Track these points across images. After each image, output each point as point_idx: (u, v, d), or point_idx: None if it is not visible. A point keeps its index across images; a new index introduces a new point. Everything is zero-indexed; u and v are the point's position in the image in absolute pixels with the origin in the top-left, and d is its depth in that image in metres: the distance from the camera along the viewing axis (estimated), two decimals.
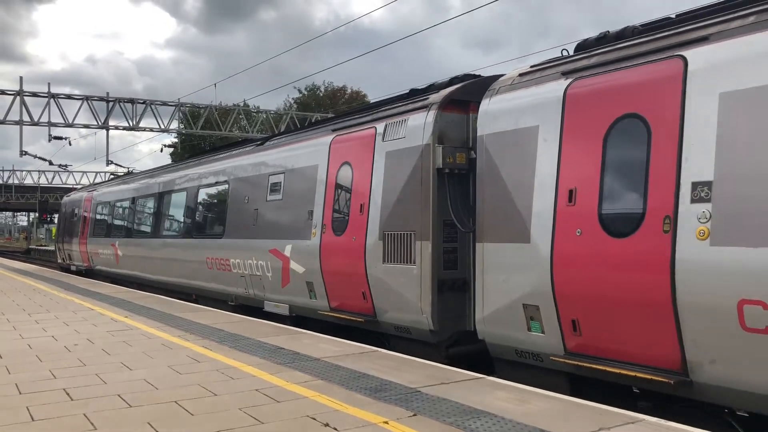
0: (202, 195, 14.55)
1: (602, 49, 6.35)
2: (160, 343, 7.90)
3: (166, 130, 35.76)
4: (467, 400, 5.16)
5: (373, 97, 59.13)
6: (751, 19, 5.10)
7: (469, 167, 7.85)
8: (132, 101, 33.77)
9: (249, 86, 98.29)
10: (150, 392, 5.51)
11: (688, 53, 5.38)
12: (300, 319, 10.35)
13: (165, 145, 54.05)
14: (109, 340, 8.12)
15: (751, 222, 4.75)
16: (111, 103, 33.11)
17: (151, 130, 35.36)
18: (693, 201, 5.11)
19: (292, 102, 60.31)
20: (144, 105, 33.93)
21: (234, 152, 13.72)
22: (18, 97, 31.09)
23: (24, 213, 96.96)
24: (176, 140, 56.76)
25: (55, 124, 32.22)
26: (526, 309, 6.51)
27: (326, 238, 9.62)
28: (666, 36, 5.74)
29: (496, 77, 7.76)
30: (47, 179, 66.52)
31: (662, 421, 4.61)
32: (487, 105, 7.32)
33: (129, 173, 24.98)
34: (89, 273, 22.01)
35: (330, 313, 9.59)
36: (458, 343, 7.98)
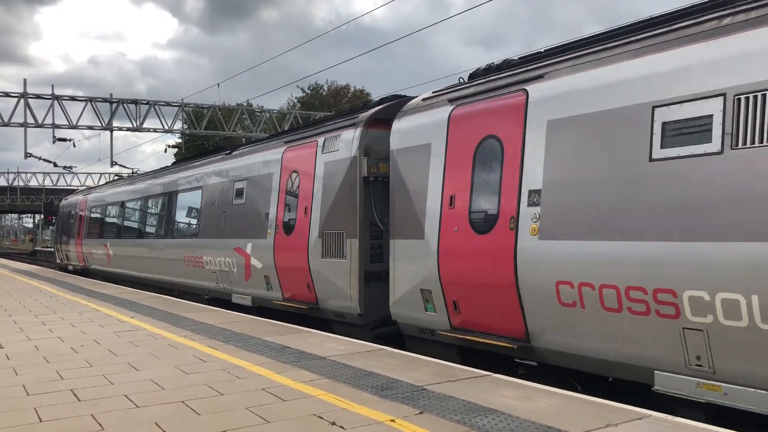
0: (180, 199, 15.94)
1: (477, 81, 7.82)
2: (166, 344, 7.92)
3: (169, 131, 35.82)
4: (473, 397, 5.16)
5: (376, 96, 59.14)
6: (569, 63, 6.53)
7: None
8: (135, 102, 33.84)
9: (252, 86, 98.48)
10: (157, 392, 5.52)
11: (530, 88, 6.78)
12: (262, 308, 11.70)
13: (169, 146, 54.17)
14: (116, 341, 8.14)
15: (563, 221, 6.15)
16: (115, 105, 33.20)
17: (155, 130, 35.43)
18: (528, 205, 6.53)
19: (296, 101, 60.34)
20: (147, 106, 34.00)
21: (207, 160, 15.36)
22: (22, 99, 31.18)
23: (29, 215, 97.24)
24: (180, 141, 56.92)
25: (59, 126, 32.31)
26: (423, 293, 7.93)
27: (278, 237, 11.03)
28: (518, 72, 7.17)
29: (412, 98, 9.24)
30: (52, 181, 66.80)
31: (669, 417, 4.60)
32: (397, 124, 8.76)
33: (120, 178, 26.74)
34: (84, 272, 23.36)
35: (283, 303, 10.98)
36: (383, 324, 9.13)
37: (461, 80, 8.50)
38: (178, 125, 36.72)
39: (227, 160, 13.94)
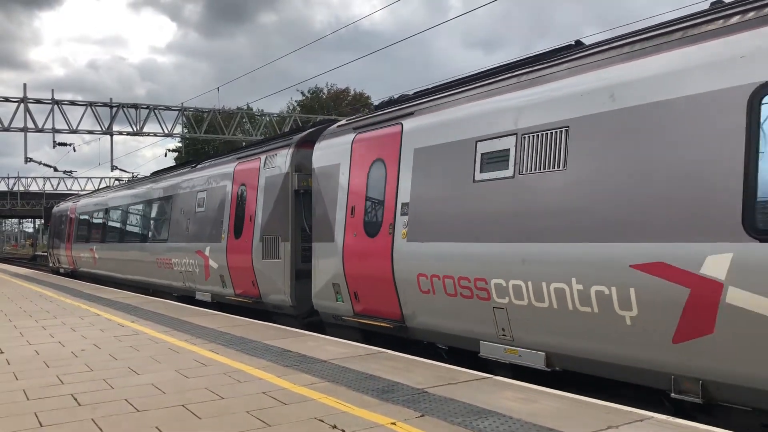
0: (154, 207, 17.85)
1: (373, 113, 9.79)
2: (167, 348, 7.91)
3: (169, 135, 35.84)
4: (474, 400, 5.16)
5: (376, 99, 59.15)
6: (431, 103, 8.37)
7: None
8: (135, 106, 33.87)
9: (251, 90, 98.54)
10: (158, 396, 5.52)
11: (404, 121, 8.64)
12: (220, 304, 13.38)
13: (169, 150, 54.18)
14: (116, 345, 8.14)
15: (422, 227, 7.97)
16: (115, 109, 33.23)
17: (155, 134, 35.46)
18: (401, 214, 8.29)
19: (296, 105, 60.37)
20: (147, 110, 34.03)
21: (177, 172, 17.37)
22: (22, 104, 31.21)
23: (30, 220, 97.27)
24: (180, 145, 56.95)
25: (59, 131, 32.35)
26: (334, 286, 9.62)
27: (230, 241, 12.82)
28: (399, 108, 9.03)
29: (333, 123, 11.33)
30: (52, 185, 66.84)
31: (670, 419, 4.60)
32: (317, 146, 10.56)
33: (106, 187, 29.00)
34: (73, 274, 25.41)
35: (235, 298, 12.77)
36: (312, 315, 10.65)
37: (366, 110, 11.56)
38: (178, 129, 36.73)
39: (193, 172, 15.82)
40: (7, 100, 31.64)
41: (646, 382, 5.62)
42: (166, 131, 35.19)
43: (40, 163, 39.43)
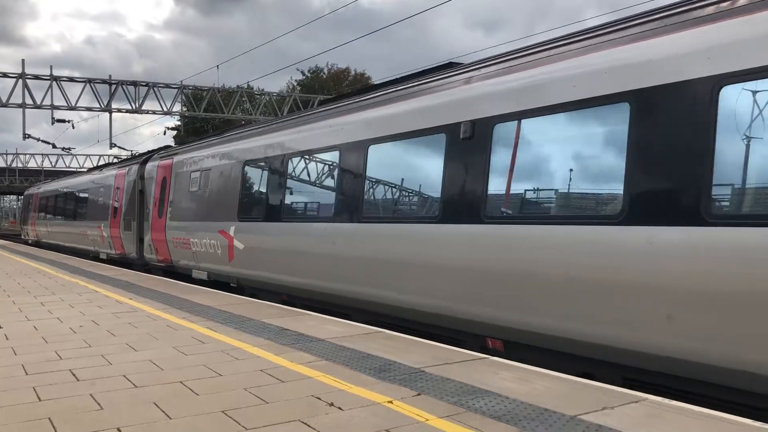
0: (77, 196, 26.13)
1: (167, 150, 18.40)
2: (165, 325, 7.94)
3: (168, 113, 35.69)
4: (471, 379, 5.19)
5: (377, 79, 58.79)
6: (187, 148, 16.55)
7: None
8: (135, 84, 33.68)
9: (250, 68, 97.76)
10: (156, 373, 5.55)
11: (174, 157, 16.32)
12: (111, 259, 20.93)
13: (168, 128, 53.95)
14: (114, 322, 8.17)
15: (175, 214, 15.57)
16: (114, 86, 33.03)
17: (154, 112, 35.32)
18: (169, 207, 15.86)
19: (295, 84, 60.05)
20: (147, 87, 33.84)
21: (94, 172, 25.61)
22: (20, 80, 31.02)
23: None
24: (179, 123, 56.72)
25: (57, 107, 32.18)
26: (150, 246, 17.01)
27: (111, 220, 20.53)
28: (173, 151, 17.45)
29: (168, 147, 20.15)
30: (51, 162, 66.69)
31: (665, 401, 4.63)
32: (147, 165, 18.01)
33: (61, 177, 37.29)
34: (37, 244, 33.44)
35: (115, 255, 20.75)
36: (146, 263, 17.72)
37: (175, 146, 20.37)
38: (177, 107, 36.55)
39: (96, 171, 25.67)
40: (5, 75, 31.45)
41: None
42: (165, 109, 35.04)
43: (38, 139, 39.27)
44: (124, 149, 40.79)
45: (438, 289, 7.50)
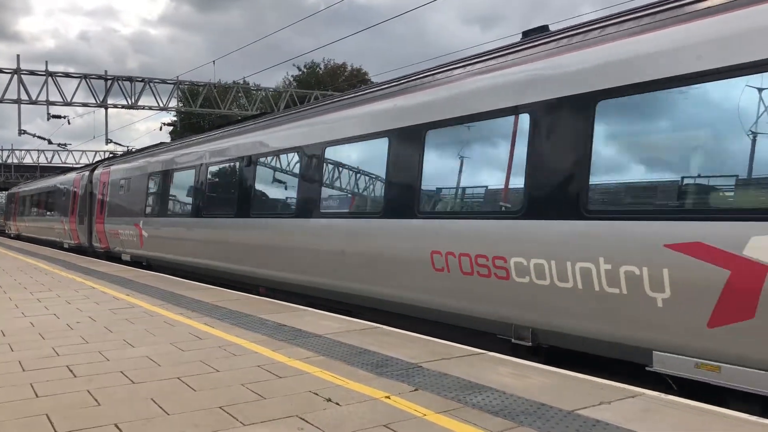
0: (46, 198, 31.03)
1: (108, 160, 23.46)
2: (162, 321, 7.94)
3: (164, 109, 35.62)
4: (468, 375, 5.20)
5: (373, 75, 58.67)
6: (119, 159, 21.73)
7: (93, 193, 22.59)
8: (130, 79, 33.57)
9: (246, 64, 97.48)
10: (153, 369, 5.54)
11: (111, 167, 21.21)
12: (71, 247, 24.93)
13: (164, 124, 53.81)
14: (111, 318, 8.16)
15: (110, 213, 20.09)
16: (109, 81, 32.92)
17: (150, 108, 35.17)
18: (107, 208, 20.45)
19: (292, 80, 59.92)
20: (142, 83, 33.73)
21: (60, 176, 30.28)
22: (16, 76, 30.89)
23: None
24: (175, 119, 56.57)
25: (53, 103, 32.07)
26: (95, 235, 21.61)
27: (71, 216, 24.73)
28: (107, 161, 23.24)
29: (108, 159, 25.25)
30: (47, 158, 66.36)
31: (661, 395, 4.65)
32: (95, 172, 22.49)
33: (38, 178, 43.68)
34: (18, 237, 38.44)
35: (73, 244, 24.53)
36: (96, 252, 21.40)
37: (114, 158, 24.75)
38: (174, 103, 36.45)
39: (61, 175, 30.28)
40: (0, 71, 31.30)
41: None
42: (161, 105, 34.95)
43: (34, 135, 39.12)
44: (120, 145, 40.71)
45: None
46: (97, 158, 59.26)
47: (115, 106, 34.35)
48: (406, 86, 8.61)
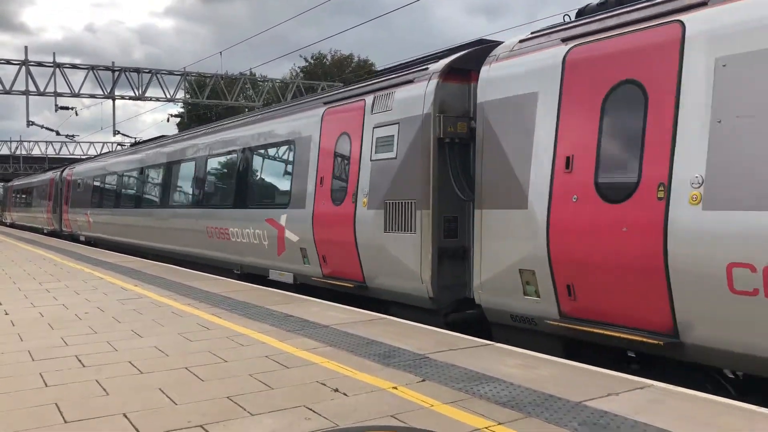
0: (34, 190, 35.93)
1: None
2: (170, 311, 7.96)
3: (171, 100, 35.52)
4: (475, 366, 5.19)
5: (380, 66, 58.50)
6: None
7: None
8: (138, 70, 33.54)
9: (251, 55, 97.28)
10: (161, 359, 5.56)
11: (62, 173, 28.10)
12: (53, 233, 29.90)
13: (171, 115, 53.81)
14: (120, 309, 8.19)
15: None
16: (116, 73, 32.91)
17: (157, 99, 35.09)
18: (71, 206, 26.30)
19: (298, 71, 59.80)
20: (149, 74, 33.71)
21: (41, 175, 35.33)
22: (23, 67, 30.95)
23: None
24: (182, 110, 56.60)
25: (61, 94, 32.07)
26: (63, 222, 28.20)
27: (48, 209, 31.10)
28: (64, 167, 29.45)
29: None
30: (54, 150, 66.55)
31: (670, 387, 4.63)
32: (63, 173, 29.37)
33: (31, 173, 49.16)
34: (12, 225, 44.12)
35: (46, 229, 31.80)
36: (64, 232, 27.80)
37: (78, 162, 29.72)
38: (180, 94, 36.46)
39: (42, 174, 34.85)
40: (8, 62, 31.35)
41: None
42: (168, 96, 34.93)
43: (42, 126, 39.06)
44: (127, 136, 40.70)
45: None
46: (105, 149, 59.61)
47: (123, 98, 34.34)
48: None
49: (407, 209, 8.13)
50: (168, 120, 46.52)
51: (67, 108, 34.35)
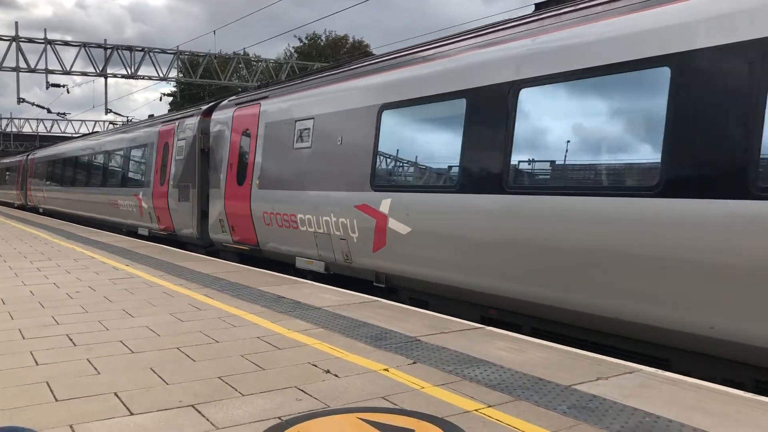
0: (8, 170, 41.86)
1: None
2: (161, 291, 7.96)
3: (164, 79, 35.26)
4: (466, 348, 5.22)
5: (375, 47, 58.10)
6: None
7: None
8: (130, 48, 33.21)
9: (244, 35, 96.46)
10: (152, 339, 5.57)
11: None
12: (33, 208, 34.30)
13: (164, 94, 53.46)
14: (111, 288, 8.18)
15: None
16: (109, 51, 32.58)
17: (150, 78, 34.82)
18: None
19: (293, 51, 59.33)
20: (142, 53, 33.38)
21: (12, 158, 42.58)
22: (14, 43, 30.58)
23: None
24: (175, 89, 56.16)
25: (52, 71, 31.74)
26: (28, 197, 34.77)
27: (17, 187, 37.71)
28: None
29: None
30: (46, 127, 66.05)
31: (658, 371, 4.67)
32: (29, 157, 36.23)
33: (23, 153, 47.72)
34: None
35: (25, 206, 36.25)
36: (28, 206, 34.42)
37: (41, 148, 35.44)
38: (173, 73, 36.13)
39: (11, 157, 41.78)
40: None
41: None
42: (161, 75, 34.64)
43: (33, 104, 38.81)
44: (119, 115, 40.42)
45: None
46: (97, 128, 59.28)
47: (115, 76, 34.05)
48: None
49: (186, 189, 14.29)
50: (161, 99, 46.33)
51: (58, 85, 34.09)
